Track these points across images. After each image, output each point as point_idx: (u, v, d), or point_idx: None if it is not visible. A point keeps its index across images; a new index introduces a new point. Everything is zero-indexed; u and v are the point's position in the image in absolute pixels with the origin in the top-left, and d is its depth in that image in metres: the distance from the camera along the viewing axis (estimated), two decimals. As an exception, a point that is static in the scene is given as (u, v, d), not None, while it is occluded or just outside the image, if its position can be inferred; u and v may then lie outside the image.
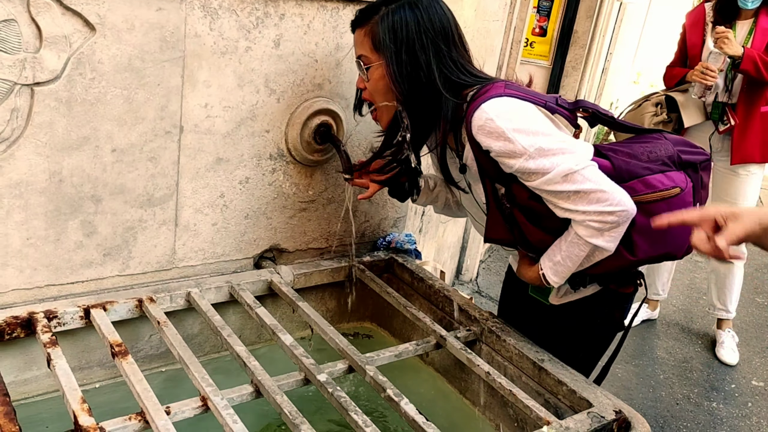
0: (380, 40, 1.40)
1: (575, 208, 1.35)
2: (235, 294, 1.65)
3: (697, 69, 2.84)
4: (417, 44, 1.39)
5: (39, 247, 1.40)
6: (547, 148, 1.33)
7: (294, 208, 1.77)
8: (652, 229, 1.37)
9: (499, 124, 1.32)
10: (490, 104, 1.33)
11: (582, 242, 1.38)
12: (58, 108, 1.32)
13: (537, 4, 5.03)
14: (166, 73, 1.43)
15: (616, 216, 1.34)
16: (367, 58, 1.44)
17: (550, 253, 1.46)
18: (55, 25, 1.26)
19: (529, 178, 1.36)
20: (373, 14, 1.42)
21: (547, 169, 1.33)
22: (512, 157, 1.33)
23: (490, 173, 1.42)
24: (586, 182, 1.33)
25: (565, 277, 1.46)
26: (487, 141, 1.34)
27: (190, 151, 1.53)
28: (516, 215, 1.44)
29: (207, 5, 1.43)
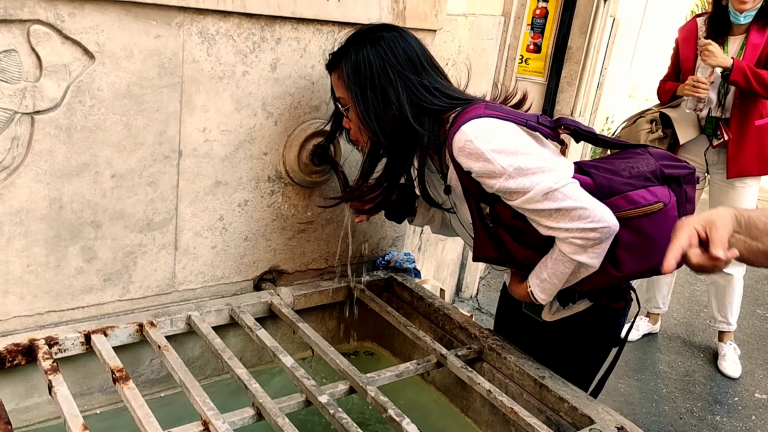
0: (346, 80, 1.44)
1: (558, 226, 1.36)
2: (236, 316, 1.65)
3: (688, 82, 2.87)
4: (383, 80, 1.41)
5: (40, 273, 1.41)
6: (526, 168, 1.34)
7: (293, 229, 1.78)
8: (637, 245, 1.40)
9: (478, 146, 1.34)
10: (469, 125, 1.35)
11: (566, 259, 1.39)
12: (58, 135, 1.33)
13: (531, 22, 5.08)
14: (165, 99, 1.45)
15: (599, 232, 1.35)
16: (344, 99, 1.48)
17: (537, 271, 1.47)
18: (55, 54, 1.28)
19: (510, 198, 1.37)
20: (341, 57, 1.46)
21: (527, 188, 1.34)
22: (492, 177, 1.35)
23: (474, 193, 1.43)
24: (567, 200, 1.34)
25: (552, 294, 1.47)
26: (468, 162, 1.36)
27: (189, 175, 1.54)
28: (501, 234, 1.46)
29: (204, 31, 1.45)
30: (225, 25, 1.47)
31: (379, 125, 1.44)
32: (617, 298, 1.57)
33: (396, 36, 1.44)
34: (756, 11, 2.81)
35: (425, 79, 1.44)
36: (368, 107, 1.43)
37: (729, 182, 3.06)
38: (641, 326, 3.57)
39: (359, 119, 1.45)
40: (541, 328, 1.63)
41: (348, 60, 1.44)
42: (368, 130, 1.45)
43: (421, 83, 1.43)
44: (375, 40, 1.43)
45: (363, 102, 1.43)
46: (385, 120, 1.44)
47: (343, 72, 1.45)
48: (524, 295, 1.52)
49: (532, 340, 1.67)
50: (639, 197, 1.40)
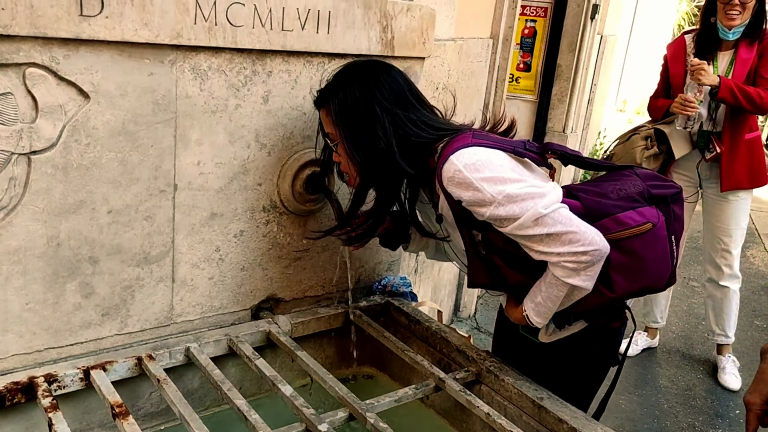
0: (334, 117, 1.47)
1: (549, 250, 1.38)
2: (234, 347, 1.66)
3: (677, 101, 2.90)
4: (370, 116, 1.44)
5: (38, 311, 1.42)
6: (515, 195, 1.36)
7: (289, 257, 1.80)
8: (629, 266, 1.43)
9: (467, 175, 1.36)
10: (457, 155, 1.38)
11: (559, 283, 1.41)
12: (55, 174, 1.35)
13: (519, 41, 5.14)
14: (159, 134, 1.47)
15: (590, 255, 1.37)
16: (333, 135, 1.51)
17: (531, 295, 1.49)
18: (51, 95, 1.30)
19: (501, 225, 1.39)
20: (329, 95, 1.49)
21: (517, 214, 1.36)
22: (482, 205, 1.37)
23: (465, 221, 1.45)
24: (557, 225, 1.36)
25: (547, 317, 1.49)
26: (458, 191, 1.38)
27: (184, 208, 1.56)
28: (494, 260, 1.48)
29: (197, 67, 1.48)
30: (217, 60, 1.50)
31: (367, 161, 1.47)
32: (613, 317, 1.59)
33: (381, 72, 1.48)
34: (744, 27, 2.86)
35: (412, 113, 1.47)
36: (356, 143, 1.46)
37: (722, 195, 3.09)
38: (640, 341, 3.58)
39: (347, 155, 1.48)
40: (539, 349, 1.64)
41: (335, 98, 1.47)
42: (357, 165, 1.48)
43: (407, 117, 1.46)
44: (361, 78, 1.47)
45: (351, 138, 1.46)
46: (373, 155, 1.46)
47: (330, 109, 1.48)
48: (520, 318, 1.53)
49: (530, 361, 1.68)
50: (628, 218, 1.42)
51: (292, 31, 1.57)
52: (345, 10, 1.64)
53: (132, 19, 1.33)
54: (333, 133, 1.50)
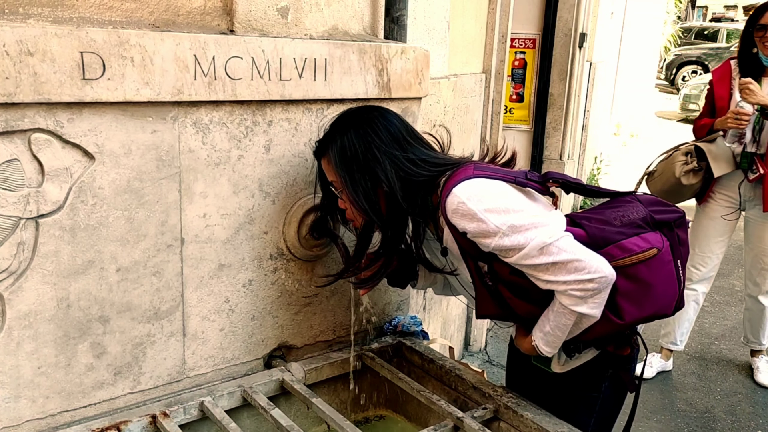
0: (334, 164, 1.49)
1: (555, 279, 1.37)
2: (248, 397, 1.64)
3: (730, 115, 3.00)
4: (370, 161, 1.47)
5: (50, 374, 1.41)
6: (519, 225, 1.36)
7: (299, 304, 1.79)
8: (636, 292, 1.43)
9: (470, 207, 1.37)
10: (460, 188, 1.39)
11: (567, 311, 1.40)
12: (63, 236, 1.36)
13: (510, 73, 5.22)
14: (164, 190, 1.48)
15: (596, 283, 1.37)
16: (336, 183, 1.53)
17: (540, 324, 1.48)
18: (56, 159, 1.32)
19: (507, 255, 1.39)
20: (327, 143, 1.52)
21: (522, 244, 1.36)
22: (487, 236, 1.37)
23: (471, 253, 1.46)
24: (562, 253, 1.36)
25: (556, 346, 1.48)
26: (462, 223, 1.39)
27: (192, 261, 1.56)
28: (501, 290, 1.48)
29: (198, 122, 1.50)
30: (218, 113, 1.52)
31: (370, 205, 1.48)
32: (622, 344, 1.57)
33: (377, 116, 1.50)
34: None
35: (410, 153, 1.49)
36: (358, 189, 1.47)
37: (765, 216, 3.17)
38: (654, 363, 3.57)
39: (351, 201, 1.49)
40: (553, 379, 1.62)
41: (334, 146, 1.49)
42: (360, 210, 1.49)
43: (407, 158, 1.48)
44: (357, 124, 1.49)
45: (353, 184, 1.48)
46: (376, 199, 1.48)
47: (330, 158, 1.50)
48: (529, 348, 1.52)
49: (545, 392, 1.67)
50: (632, 245, 1.43)
51: (290, 80, 1.59)
52: (341, 57, 1.67)
53: (133, 80, 1.36)
54: (335, 180, 1.52)
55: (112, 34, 1.32)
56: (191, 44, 1.42)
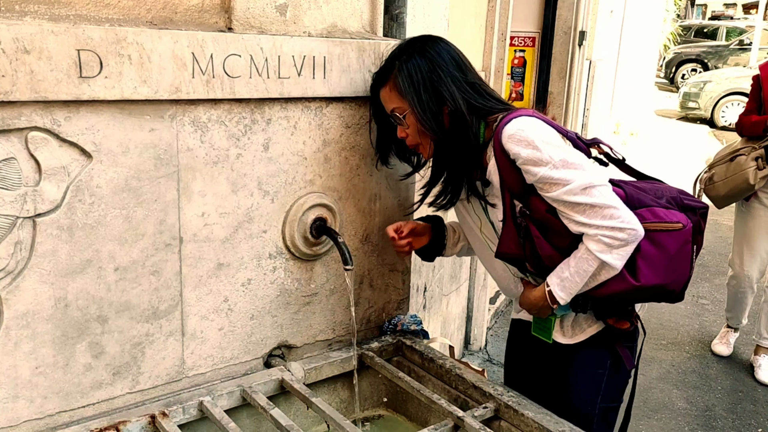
0: (401, 88, 1.54)
1: (589, 222, 1.45)
2: (248, 397, 1.63)
3: None
4: (435, 80, 1.53)
5: (48, 374, 1.40)
6: (570, 161, 1.45)
7: (298, 303, 1.78)
8: (656, 257, 1.51)
9: (528, 134, 1.46)
10: (520, 119, 1.49)
11: (592, 257, 1.47)
12: (60, 235, 1.35)
13: (510, 71, 5.21)
14: (162, 189, 1.47)
15: (626, 233, 1.45)
16: (399, 108, 1.57)
17: (557, 271, 1.54)
18: (53, 157, 1.31)
19: (549, 189, 1.46)
20: (389, 72, 1.58)
21: (568, 180, 1.44)
22: (538, 164, 1.45)
23: (511, 186, 1.52)
24: (602, 197, 1.45)
25: (571, 293, 1.53)
26: (517, 148, 1.46)
27: (191, 260, 1.56)
28: (531, 229, 1.52)
29: (196, 120, 1.49)
30: (216, 112, 1.51)
31: (438, 124, 1.55)
32: (623, 318, 1.64)
33: (437, 40, 1.58)
34: None
35: (470, 78, 1.57)
36: (425, 108, 1.54)
37: None
38: (732, 340, 3.77)
39: (419, 121, 1.55)
40: (558, 357, 1.70)
41: (399, 70, 1.55)
42: (429, 129, 1.55)
43: (467, 81, 1.56)
44: (420, 49, 1.56)
45: (420, 104, 1.53)
46: (442, 118, 1.55)
47: (396, 82, 1.55)
48: (539, 296, 1.58)
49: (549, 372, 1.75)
50: (663, 214, 1.53)
51: (288, 79, 1.58)
52: (340, 55, 1.66)
53: (131, 78, 1.35)
54: (400, 106, 1.57)
55: (109, 32, 1.31)
56: (189, 42, 1.41)
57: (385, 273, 1.96)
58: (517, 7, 4.37)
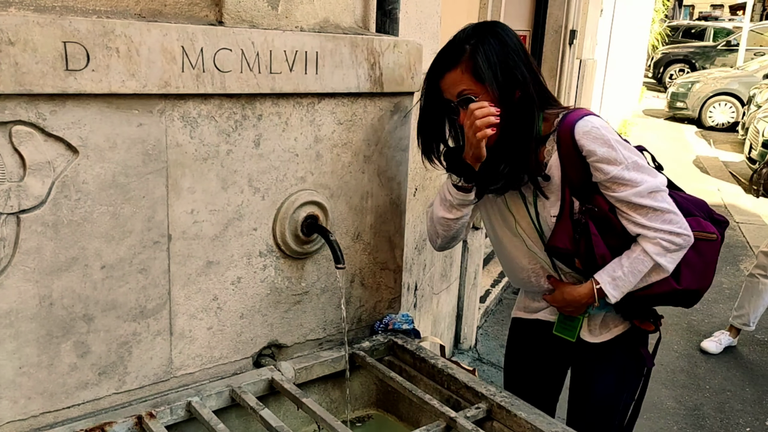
0: (479, 70, 1.52)
1: (650, 225, 1.52)
2: (237, 397, 1.61)
3: None
4: (510, 63, 1.53)
5: (32, 374, 1.37)
6: (640, 164, 1.52)
7: (288, 302, 1.76)
8: (697, 265, 1.61)
9: (604, 132, 1.51)
10: (592, 117, 1.54)
11: (647, 259, 1.53)
12: (45, 232, 1.32)
13: (501, 70, 5.20)
14: (151, 185, 1.44)
15: (682, 239, 1.53)
16: (472, 90, 1.54)
17: (608, 270, 1.58)
18: (38, 152, 1.27)
19: (617, 189, 1.51)
20: (460, 54, 1.54)
21: (638, 182, 1.50)
22: (611, 163, 1.50)
23: (574, 182, 1.54)
24: (665, 202, 1.53)
25: (623, 292, 1.58)
26: (592, 145, 1.50)
27: (179, 258, 1.53)
28: (590, 226, 1.56)
29: (186, 115, 1.46)
30: (206, 107, 1.48)
31: (511, 106, 1.53)
32: (648, 319, 1.71)
33: (505, 27, 1.59)
34: None
35: (533, 67, 1.58)
36: (503, 90, 1.52)
37: None
38: (723, 340, 3.78)
39: (497, 101, 1.52)
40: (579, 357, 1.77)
41: (475, 52, 1.52)
42: (503, 108, 1.52)
43: (533, 66, 1.58)
44: (492, 32, 1.55)
45: (498, 86, 1.52)
46: (513, 102, 1.54)
47: (471, 63, 1.52)
48: (585, 294, 1.61)
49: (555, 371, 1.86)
50: (704, 224, 1.63)
51: (280, 74, 1.56)
52: (332, 50, 1.63)
53: (119, 71, 1.32)
54: (472, 88, 1.53)
55: (96, 24, 1.27)
56: (179, 35, 1.38)
57: (377, 271, 1.94)
58: (509, 4, 4.36)
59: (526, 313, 1.89)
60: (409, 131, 1.89)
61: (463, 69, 1.54)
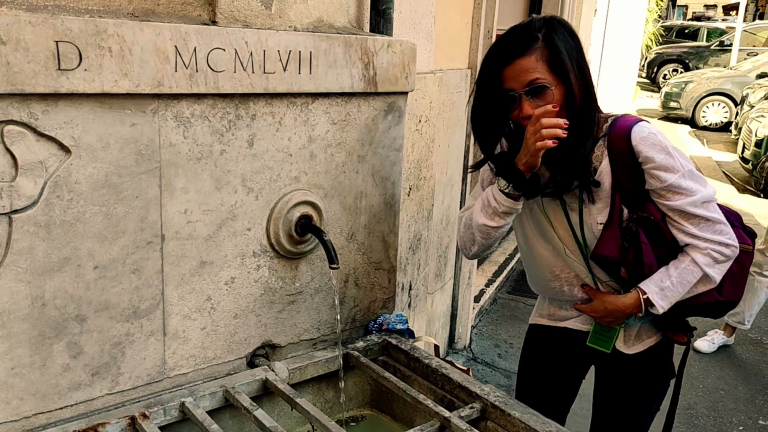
0: (556, 59, 1.45)
1: (702, 235, 1.50)
2: (231, 398, 1.60)
3: None
4: (580, 58, 1.50)
5: (24, 375, 1.36)
6: (696, 174, 1.50)
7: (282, 302, 1.76)
8: (738, 276, 1.61)
9: (661, 139, 1.49)
10: (646, 123, 1.51)
11: (696, 269, 1.51)
12: (37, 232, 1.31)
13: (495, 70, 5.21)
14: (144, 185, 1.44)
15: (731, 250, 1.53)
16: (545, 80, 1.46)
17: (655, 280, 1.55)
18: (30, 152, 1.27)
19: (672, 197, 1.49)
20: (532, 41, 1.46)
21: (694, 191, 1.49)
22: (669, 171, 1.48)
23: (626, 189, 1.52)
24: (717, 213, 1.52)
25: (671, 302, 1.56)
26: (651, 151, 1.48)
27: (173, 258, 1.52)
28: (640, 236, 1.53)
29: (179, 115, 1.45)
30: (199, 107, 1.48)
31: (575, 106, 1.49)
32: (677, 331, 1.68)
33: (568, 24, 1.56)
34: None
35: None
36: (579, 82, 1.48)
37: None
38: (716, 339, 3.80)
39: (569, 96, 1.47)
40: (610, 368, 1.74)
41: (551, 40, 1.46)
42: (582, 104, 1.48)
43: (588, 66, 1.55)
44: (561, 23, 1.51)
45: (575, 77, 1.47)
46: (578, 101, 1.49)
47: (547, 51, 1.45)
48: (630, 304, 1.57)
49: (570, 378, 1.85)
50: (744, 236, 1.62)
51: (274, 74, 1.55)
52: (326, 50, 1.63)
53: (111, 71, 1.31)
54: (545, 77, 1.45)
55: (89, 23, 1.27)
56: (172, 35, 1.38)
57: (371, 271, 1.94)
58: (503, 4, 4.36)
59: (551, 320, 1.84)
60: (403, 131, 1.89)
61: (538, 56, 1.45)
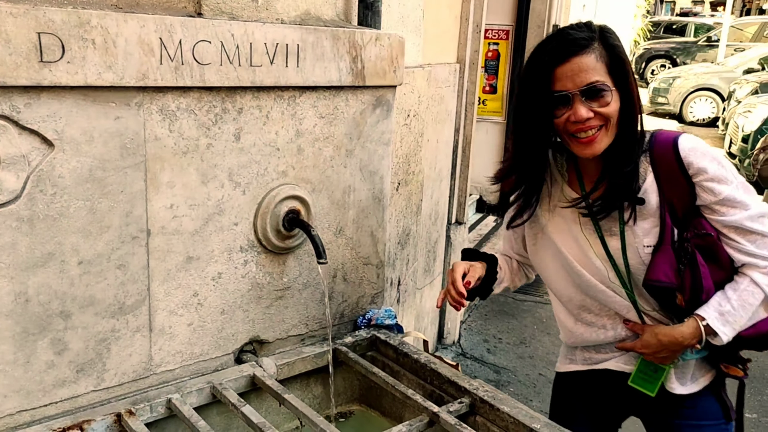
0: (619, 63, 1.35)
1: (759, 252, 1.37)
2: (218, 394, 1.59)
3: None
4: (630, 66, 1.39)
5: (8, 372, 1.34)
6: (748, 186, 1.39)
7: (270, 297, 1.74)
8: None
9: (709, 149, 1.38)
10: (690, 135, 1.41)
11: (757, 291, 1.38)
12: (20, 227, 1.29)
13: (484, 64, 5.20)
14: (129, 179, 1.42)
15: None
16: (605, 83, 1.34)
17: (714, 304, 1.40)
18: (12, 146, 1.25)
19: (727, 212, 1.37)
20: (590, 40, 1.35)
21: (749, 204, 1.36)
22: (722, 182, 1.36)
23: (675, 205, 1.39)
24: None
25: (735, 330, 1.40)
26: (703, 162, 1.36)
27: (159, 253, 1.51)
28: (697, 256, 1.39)
29: (165, 108, 1.43)
30: (185, 100, 1.46)
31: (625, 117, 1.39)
32: (735, 363, 1.51)
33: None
34: None
35: None
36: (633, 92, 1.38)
37: None
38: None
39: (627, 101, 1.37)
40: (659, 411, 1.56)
41: (609, 42, 1.36)
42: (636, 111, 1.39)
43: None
44: (610, 30, 1.39)
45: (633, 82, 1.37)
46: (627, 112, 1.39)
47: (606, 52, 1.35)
48: (690, 334, 1.40)
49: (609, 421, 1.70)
50: None
51: (261, 67, 1.54)
52: (313, 43, 1.62)
53: (95, 63, 1.29)
54: (603, 80, 1.34)
55: (71, 15, 1.25)
56: (156, 26, 1.36)
57: (359, 267, 1.93)
58: (492, -1, 4.36)
59: (585, 364, 1.66)
60: (391, 125, 1.88)
61: (597, 57, 1.33)
